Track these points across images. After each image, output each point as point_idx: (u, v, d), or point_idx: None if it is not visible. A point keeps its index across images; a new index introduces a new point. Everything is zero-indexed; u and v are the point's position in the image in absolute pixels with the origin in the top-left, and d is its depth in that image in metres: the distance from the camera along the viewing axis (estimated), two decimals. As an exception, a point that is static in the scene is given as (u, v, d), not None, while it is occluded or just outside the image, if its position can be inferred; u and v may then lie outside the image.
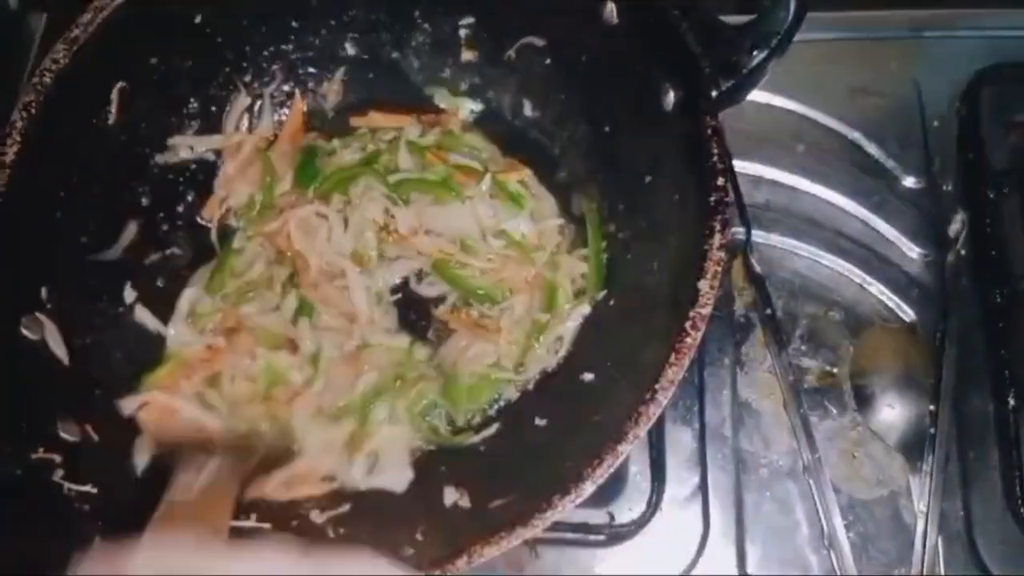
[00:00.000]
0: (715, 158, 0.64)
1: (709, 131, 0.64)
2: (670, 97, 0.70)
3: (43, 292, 0.71)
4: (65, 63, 0.73)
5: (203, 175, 0.87)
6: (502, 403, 0.80)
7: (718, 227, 0.62)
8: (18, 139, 0.71)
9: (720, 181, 0.63)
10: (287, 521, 0.69)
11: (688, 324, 0.60)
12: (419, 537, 0.64)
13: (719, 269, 0.61)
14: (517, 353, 0.79)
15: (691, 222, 0.67)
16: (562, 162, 0.88)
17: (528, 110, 0.90)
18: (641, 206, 0.78)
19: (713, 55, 0.68)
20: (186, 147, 0.85)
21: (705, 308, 0.61)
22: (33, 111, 0.71)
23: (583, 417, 0.70)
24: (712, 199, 0.63)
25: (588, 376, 0.75)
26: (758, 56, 0.67)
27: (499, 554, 0.58)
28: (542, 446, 0.72)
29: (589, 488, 0.58)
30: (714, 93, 0.67)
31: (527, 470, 0.70)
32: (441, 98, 0.91)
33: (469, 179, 0.84)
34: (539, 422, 0.75)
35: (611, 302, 0.79)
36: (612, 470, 0.59)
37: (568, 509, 0.58)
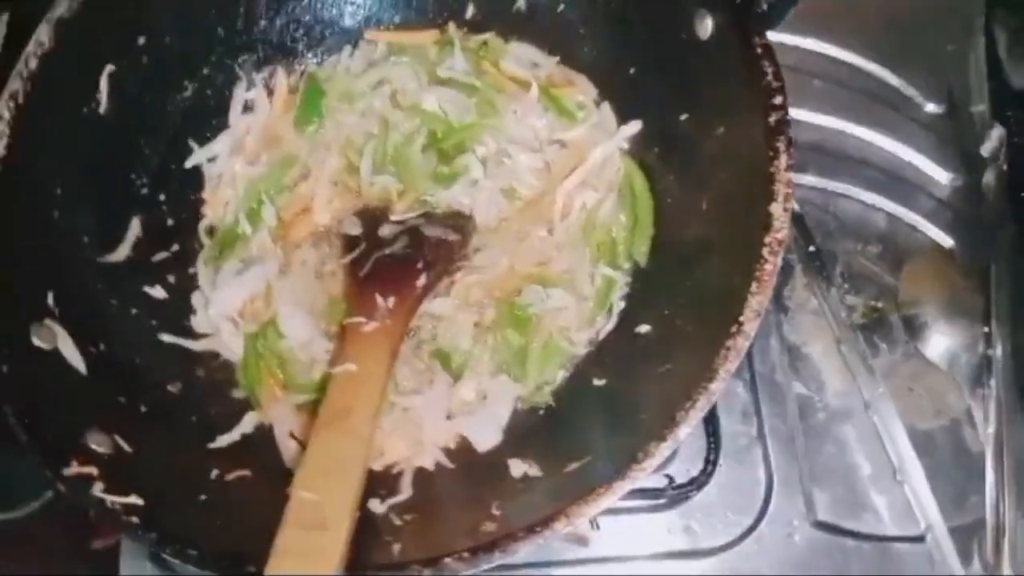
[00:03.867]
0: (770, 76, 0.60)
1: (760, 50, 0.61)
2: (707, 23, 0.67)
3: (50, 298, 0.65)
4: (51, 46, 0.67)
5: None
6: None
7: (783, 147, 0.59)
8: (7, 131, 0.64)
9: (779, 100, 0.60)
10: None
11: (766, 250, 0.57)
12: (496, 512, 0.60)
13: (790, 191, 0.58)
14: (590, 310, 0.75)
15: (745, 151, 0.63)
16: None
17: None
18: (679, 147, 0.74)
19: (752, -26, 0.65)
20: (200, 154, 0.80)
21: (781, 232, 0.58)
22: (21, 100, 0.65)
23: (649, 369, 0.67)
24: (772, 119, 0.60)
25: (644, 328, 0.71)
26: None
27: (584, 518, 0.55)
28: (607, 405, 0.69)
29: (684, 432, 0.55)
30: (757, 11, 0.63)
31: (596, 431, 0.67)
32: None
33: (522, 90, 0.80)
34: (597, 382, 0.71)
35: (661, 252, 0.75)
36: (705, 411, 0.55)
37: (663, 456, 0.55)
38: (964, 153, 0.89)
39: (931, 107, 0.91)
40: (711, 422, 0.79)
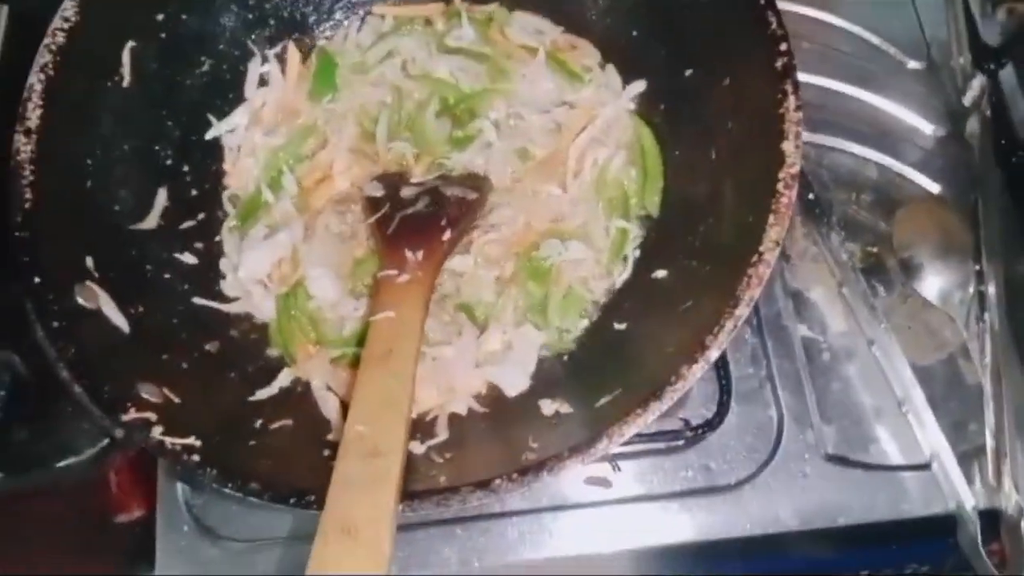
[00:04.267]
0: (775, 25, 0.64)
1: (763, 1, 0.65)
2: (708, -21, 0.70)
3: (89, 261, 0.67)
4: (76, 19, 0.69)
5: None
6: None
7: (790, 89, 0.63)
8: (39, 102, 0.67)
9: (784, 46, 0.64)
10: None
11: (781, 184, 0.61)
12: (534, 444, 0.63)
13: (800, 130, 0.62)
14: (607, 260, 0.78)
15: (752, 99, 0.67)
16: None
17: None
18: (685, 103, 0.78)
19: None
20: (220, 126, 0.83)
21: (794, 167, 0.61)
22: (51, 72, 0.68)
23: (670, 309, 0.70)
24: (779, 64, 0.64)
25: (660, 273, 0.75)
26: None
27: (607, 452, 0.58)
28: (631, 346, 0.72)
29: (714, 354, 0.58)
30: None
31: (622, 369, 0.69)
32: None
33: (529, 55, 0.84)
34: (618, 326, 0.75)
35: (673, 202, 0.78)
36: (733, 334, 0.59)
37: (695, 378, 0.58)
38: (946, 105, 0.94)
39: (913, 63, 0.96)
40: (722, 367, 0.83)
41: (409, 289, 0.69)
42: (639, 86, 0.82)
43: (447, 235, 0.74)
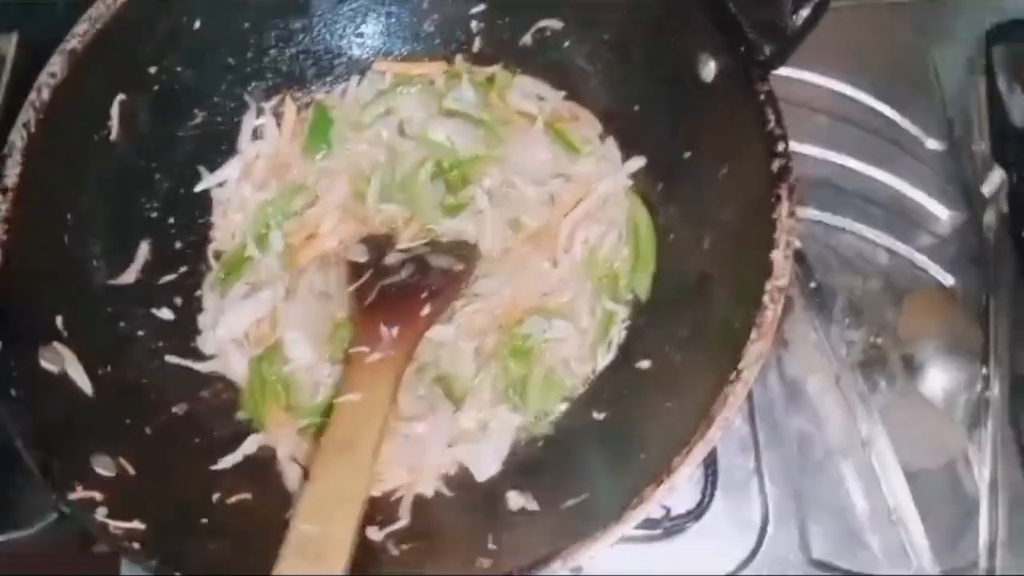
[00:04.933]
0: (773, 123, 0.61)
1: (763, 96, 0.62)
2: (710, 66, 0.68)
3: (59, 321, 0.66)
4: (63, 76, 0.68)
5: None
6: (558, 401, 0.76)
7: (785, 194, 0.60)
8: (20, 160, 0.66)
9: (781, 147, 0.61)
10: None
11: (767, 297, 0.58)
12: (492, 547, 0.61)
13: (791, 239, 0.59)
14: (591, 342, 0.76)
15: (748, 194, 0.64)
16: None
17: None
18: (681, 184, 0.75)
19: (753, 18, 0.66)
20: (210, 179, 0.82)
21: (782, 280, 0.58)
22: (33, 130, 0.67)
23: (649, 406, 0.67)
24: (775, 166, 0.60)
25: (644, 363, 0.72)
26: (800, 17, 0.65)
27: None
28: (606, 441, 0.69)
29: (680, 477, 0.56)
30: (760, 58, 0.64)
31: (595, 467, 0.67)
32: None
33: (527, 122, 0.82)
34: (597, 416, 0.72)
35: (662, 287, 0.76)
36: (703, 455, 0.56)
37: (660, 501, 0.55)
38: (965, 190, 0.90)
39: (932, 144, 0.92)
40: (710, 454, 0.80)
41: (380, 369, 0.67)
42: (638, 162, 0.79)
43: (426, 310, 0.72)
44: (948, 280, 0.87)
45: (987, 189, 0.86)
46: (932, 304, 0.86)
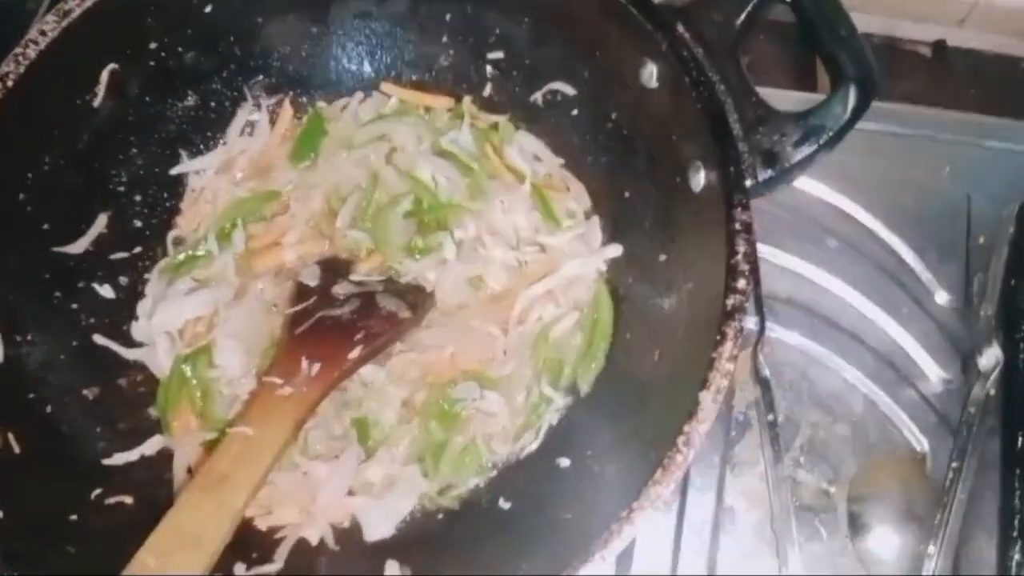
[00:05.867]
0: (740, 256, 0.57)
1: (738, 225, 0.57)
2: (700, 177, 0.64)
3: (-11, 279, 0.65)
4: (53, 36, 0.67)
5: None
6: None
7: (730, 335, 0.55)
8: (-11, 109, 0.65)
9: (742, 284, 0.56)
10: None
11: (681, 439, 0.53)
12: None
13: (724, 384, 0.55)
14: (519, 425, 0.72)
15: (702, 319, 0.60)
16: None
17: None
18: (650, 287, 0.71)
19: (755, 141, 0.62)
20: (189, 164, 0.80)
21: (703, 424, 0.54)
22: (10, 83, 0.66)
23: (553, 510, 0.64)
24: (730, 303, 0.56)
25: (564, 462, 0.69)
26: (804, 150, 0.61)
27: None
28: (501, 534, 0.66)
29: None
30: (749, 182, 0.60)
31: (480, 557, 0.64)
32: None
33: (516, 182, 0.79)
34: (504, 504, 0.69)
35: (603, 385, 0.72)
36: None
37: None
38: (965, 357, 0.83)
39: (942, 298, 0.86)
40: (626, 553, 0.75)
41: (285, 407, 0.64)
42: (615, 250, 0.75)
43: (355, 353, 0.70)
44: (921, 444, 0.81)
45: (984, 363, 0.80)
46: (896, 469, 0.80)
